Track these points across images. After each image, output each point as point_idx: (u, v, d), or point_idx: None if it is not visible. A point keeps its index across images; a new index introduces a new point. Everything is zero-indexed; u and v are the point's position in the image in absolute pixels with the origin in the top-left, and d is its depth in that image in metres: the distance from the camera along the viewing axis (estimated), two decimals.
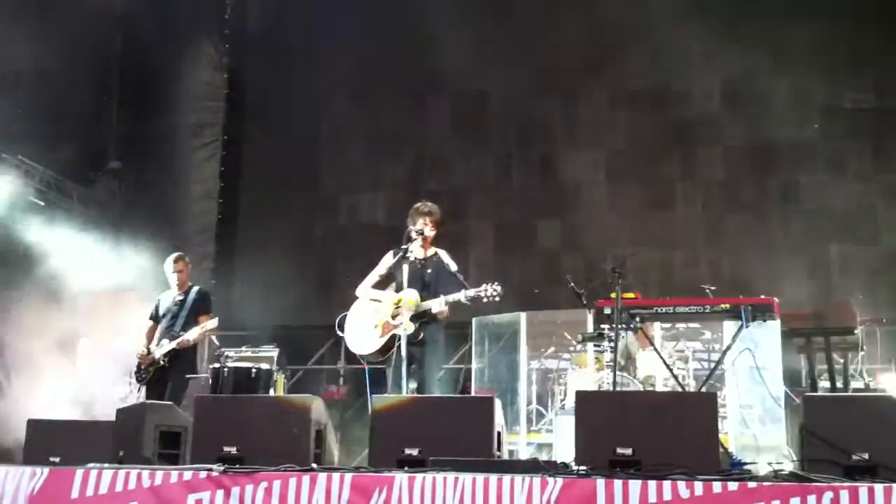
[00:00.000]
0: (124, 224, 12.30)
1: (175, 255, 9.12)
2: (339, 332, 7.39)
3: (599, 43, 12.26)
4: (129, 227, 12.11)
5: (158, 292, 9.23)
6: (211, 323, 8.58)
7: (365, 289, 7.37)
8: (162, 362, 8.54)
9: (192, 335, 8.52)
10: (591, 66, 12.34)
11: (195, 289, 8.97)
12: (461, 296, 6.80)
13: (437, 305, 6.89)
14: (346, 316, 7.36)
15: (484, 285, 6.71)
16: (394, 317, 6.98)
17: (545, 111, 12.54)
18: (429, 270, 7.18)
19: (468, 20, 12.58)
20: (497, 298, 6.73)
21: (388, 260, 7.27)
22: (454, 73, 12.70)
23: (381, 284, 7.35)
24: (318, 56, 13.14)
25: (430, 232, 7.24)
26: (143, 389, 8.71)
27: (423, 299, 6.96)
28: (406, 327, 6.75)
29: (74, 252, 11.48)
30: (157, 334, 8.81)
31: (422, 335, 6.94)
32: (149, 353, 8.66)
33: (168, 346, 8.54)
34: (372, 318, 7.17)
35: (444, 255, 7.24)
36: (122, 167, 13.07)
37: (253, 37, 13.84)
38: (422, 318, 6.95)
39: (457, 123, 12.87)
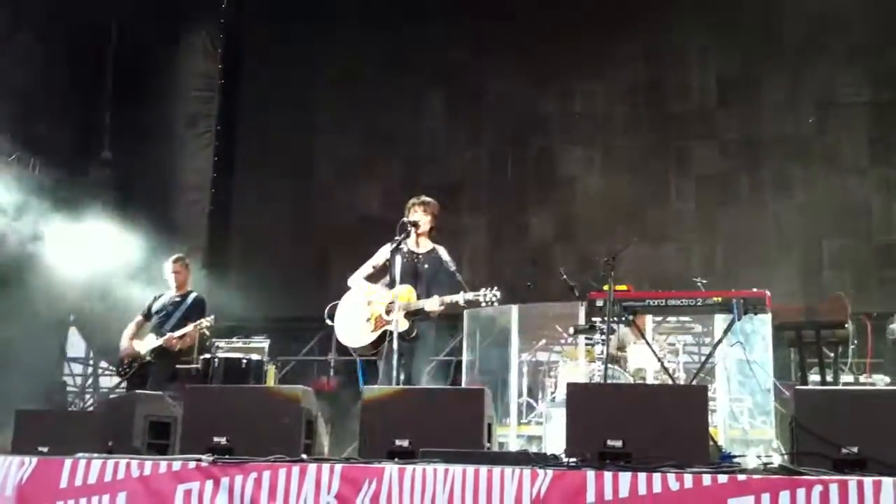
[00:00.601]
0: (116, 214, 12.27)
1: (175, 255, 9.15)
2: (328, 322, 7.36)
3: (595, 37, 12.26)
4: (121, 218, 12.09)
5: (150, 282, 9.23)
6: (204, 321, 8.59)
7: (358, 279, 7.32)
8: (148, 358, 8.55)
9: (179, 333, 8.52)
10: (586, 61, 12.34)
11: (193, 294, 9.00)
12: (459, 298, 6.77)
13: (432, 305, 6.86)
14: (336, 305, 7.33)
15: (483, 290, 6.67)
16: (387, 312, 6.93)
17: (541, 105, 12.54)
18: (426, 266, 7.14)
19: (466, 14, 12.59)
20: (495, 304, 6.72)
21: (384, 252, 7.21)
22: (450, 66, 12.71)
23: (376, 276, 7.31)
24: (314, 47, 13.13)
25: (422, 217, 7.19)
26: (125, 384, 8.72)
27: (417, 296, 6.94)
28: (400, 324, 6.72)
29: (66, 241, 11.47)
30: (145, 331, 8.82)
31: (415, 332, 6.92)
32: (133, 347, 8.67)
33: (156, 342, 8.55)
34: (364, 311, 7.13)
35: (444, 253, 7.19)
36: (115, 157, 13.02)
37: (248, 27, 13.81)
38: (415, 315, 6.93)
39: (452, 117, 12.86)
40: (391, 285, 6.99)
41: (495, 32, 12.55)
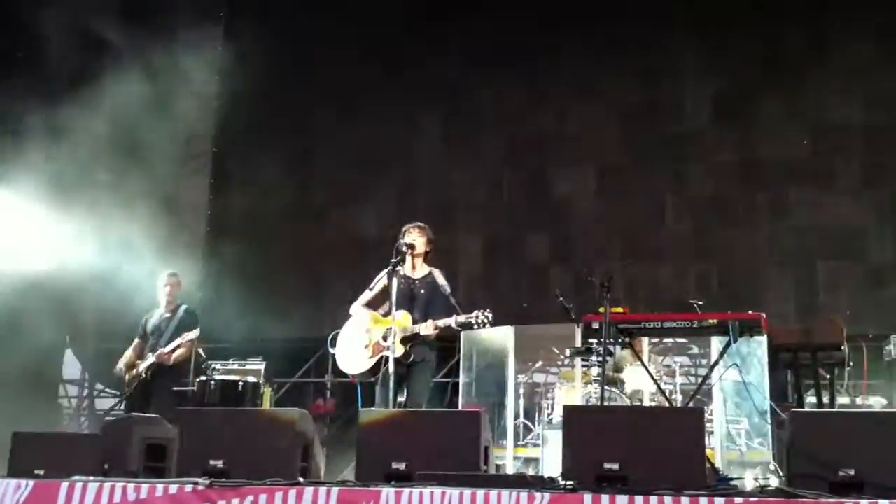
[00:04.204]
0: (112, 234, 12.25)
1: (168, 271, 9.16)
2: (330, 350, 7.40)
3: (591, 58, 12.32)
4: (116, 238, 12.07)
5: (144, 302, 9.22)
6: (190, 335, 8.59)
7: (358, 307, 7.37)
8: (144, 375, 8.56)
9: (170, 348, 8.55)
10: (582, 81, 12.39)
11: (183, 307, 9.01)
12: (451, 321, 6.82)
13: (427, 329, 6.90)
14: (338, 333, 7.37)
15: (476, 312, 6.72)
16: (385, 338, 6.96)
17: (537, 125, 12.57)
18: (422, 291, 7.18)
19: (462, 35, 12.65)
20: (488, 325, 6.75)
21: (382, 278, 7.25)
22: (446, 87, 12.74)
23: (375, 303, 7.34)
24: (311, 69, 13.17)
25: (418, 239, 7.23)
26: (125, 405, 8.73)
27: (414, 321, 6.97)
28: (395, 349, 6.75)
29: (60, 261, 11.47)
30: (145, 351, 8.84)
31: (412, 357, 6.95)
32: (133, 367, 8.69)
33: (149, 359, 8.57)
34: (363, 337, 7.18)
35: (439, 276, 7.23)
36: (113, 177, 13.02)
37: (244, 49, 13.83)
38: (412, 339, 6.96)
39: (448, 137, 12.89)
40: (390, 311, 7.02)
41: (491, 53, 12.59)
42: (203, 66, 13.58)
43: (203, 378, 8.76)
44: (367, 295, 7.34)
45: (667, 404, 7.80)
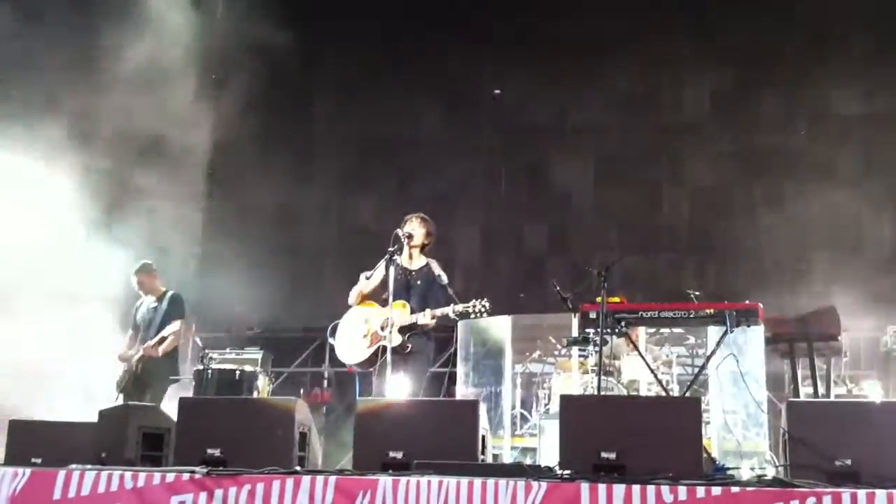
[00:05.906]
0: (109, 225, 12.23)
1: (136, 266, 9.09)
2: (330, 340, 7.42)
3: (591, 48, 12.31)
4: (114, 231, 12.05)
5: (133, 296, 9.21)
6: (173, 327, 8.59)
7: (356, 297, 7.38)
8: (134, 368, 8.57)
9: (155, 341, 8.55)
10: (582, 72, 12.38)
11: (168, 294, 8.99)
12: (449, 310, 6.83)
13: (424, 318, 6.92)
14: (338, 324, 7.38)
15: (473, 301, 6.73)
16: (383, 328, 6.97)
17: (535, 116, 12.57)
18: (419, 282, 7.19)
19: (462, 26, 12.63)
20: (485, 314, 6.76)
21: (379, 267, 7.25)
22: (446, 78, 12.73)
23: (375, 292, 7.34)
24: (309, 58, 13.14)
25: (418, 230, 7.24)
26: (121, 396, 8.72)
27: (411, 310, 6.97)
28: (393, 339, 6.76)
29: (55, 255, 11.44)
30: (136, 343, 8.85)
31: (409, 347, 6.96)
32: (126, 360, 8.70)
33: (138, 353, 8.57)
34: (362, 328, 7.20)
35: (436, 267, 7.24)
36: (113, 165, 12.98)
37: (244, 38, 13.79)
38: (409, 329, 6.97)
39: (447, 127, 12.88)
40: (388, 301, 7.03)
41: (491, 44, 12.59)
42: (201, 54, 13.54)
43: (200, 367, 8.77)
44: (365, 284, 7.34)
45: (664, 394, 7.81)
